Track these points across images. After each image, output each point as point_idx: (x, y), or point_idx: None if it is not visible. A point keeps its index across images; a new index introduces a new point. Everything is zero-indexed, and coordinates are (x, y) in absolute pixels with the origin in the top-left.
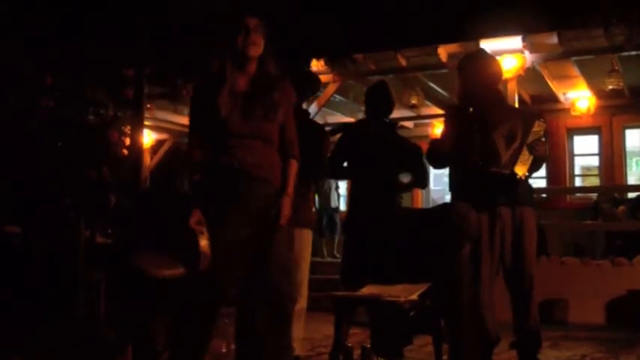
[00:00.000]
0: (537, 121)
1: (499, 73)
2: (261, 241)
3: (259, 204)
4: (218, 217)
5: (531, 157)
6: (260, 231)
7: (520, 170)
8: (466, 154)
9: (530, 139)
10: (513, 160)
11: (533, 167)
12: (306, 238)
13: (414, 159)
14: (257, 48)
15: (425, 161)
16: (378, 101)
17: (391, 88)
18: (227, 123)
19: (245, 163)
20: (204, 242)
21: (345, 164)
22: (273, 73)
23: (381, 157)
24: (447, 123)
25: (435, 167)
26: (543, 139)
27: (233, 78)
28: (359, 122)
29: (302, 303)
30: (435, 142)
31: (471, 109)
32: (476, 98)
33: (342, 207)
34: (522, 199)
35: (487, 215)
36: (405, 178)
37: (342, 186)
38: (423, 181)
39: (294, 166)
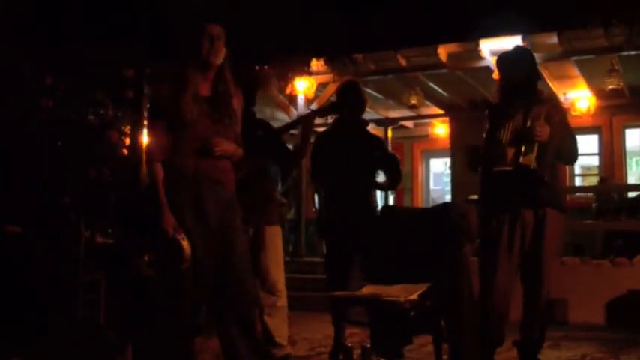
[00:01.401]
0: (534, 106)
1: (528, 71)
2: (223, 244)
3: (221, 207)
4: (186, 222)
5: (535, 145)
6: (222, 235)
7: (526, 161)
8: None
9: (529, 123)
10: (517, 153)
11: (551, 155)
12: (275, 235)
13: (387, 158)
14: (220, 56)
15: (397, 161)
16: (350, 101)
17: (393, 87)
18: (195, 127)
19: (207, 167)
20: (185, 243)
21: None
22: (229, 79)
23: (355, 156)
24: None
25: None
26: (545, 122)
27: (195, 83)
28: (332, 123)
29: (282, 300)
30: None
31: (486, 111)
32: (508, 96)
33: None
34: (546, 200)
35: (508, 217)
36: (380, 178)
37: None
38: (396, 180)
39: (240, 149)
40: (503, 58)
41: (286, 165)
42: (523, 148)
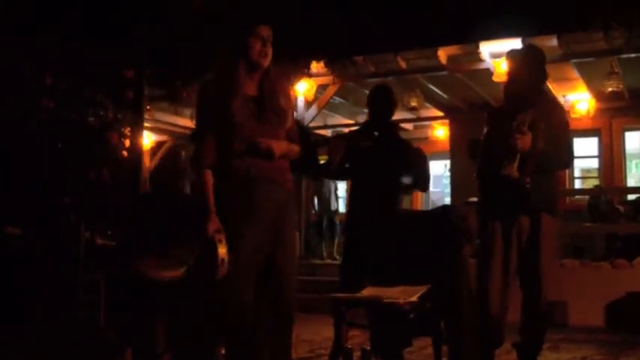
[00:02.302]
0: (519, 114)
1: (535, 70)
2: (275, 245)
3: (273, 207)
4: (234, 222)
5: (517, 155)
6: (274, 234)
7: (507, 171)
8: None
9: (512, 131)
10: (500, 164)
11: (533, 163)
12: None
13: (416, 161)
14: (269, 58)
15: (427, 164)
16: (380, 103)
17: (393, 89)
18: (242, 128)
19: (259, 167)
20: (222, 250)
21: (346, 166)
22: (274, 77)
23: (382, 159)
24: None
25: None
26: (528, 129)
27: (244, 84)
28: (361, 125)
29: None
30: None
31: (485, 114)
32: (512, 96)
33: (342, 209)
34: (539, 205)
35: (502, 223)
36: (406, 180)
37: (341, 188)
38: (423, 184)
39: (295, 146)
40: (511, 56)
41: (312, 177)
42: (506, 157)
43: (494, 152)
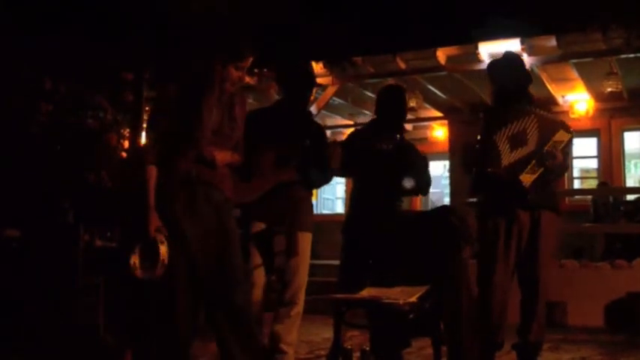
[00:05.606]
0: (561, 129)
1: (523, 76)
2: (214, 247)
3: (212, 209)
4: (174, 223)
5: (541, 169)
6: (215, 233)
7: (525, 179)
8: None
9: (547, 148)
10: (519, 166)
11: (550, 176)
12: (306, 242)
13: (420, 166)
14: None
15: (428, 168)
16: (396, 104)
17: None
18: (199, 133)
19: (201, 172)
20: (163, 250)
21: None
22: (231, 89)
23: (388, 162)
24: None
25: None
26: (561, 151)
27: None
28: (368, 124)
29: (298, 308)
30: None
31: (481, 114)
32: (500, 100)
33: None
34: (542, 202)
35: (504, 218)
36: (408, 184)
37: (341, 189)
38: (425, 189)
39: (237, 155)
40: (494, 65)
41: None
42: (530, 166)
43: (499, 148)
